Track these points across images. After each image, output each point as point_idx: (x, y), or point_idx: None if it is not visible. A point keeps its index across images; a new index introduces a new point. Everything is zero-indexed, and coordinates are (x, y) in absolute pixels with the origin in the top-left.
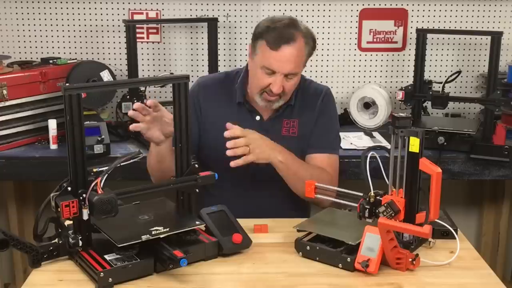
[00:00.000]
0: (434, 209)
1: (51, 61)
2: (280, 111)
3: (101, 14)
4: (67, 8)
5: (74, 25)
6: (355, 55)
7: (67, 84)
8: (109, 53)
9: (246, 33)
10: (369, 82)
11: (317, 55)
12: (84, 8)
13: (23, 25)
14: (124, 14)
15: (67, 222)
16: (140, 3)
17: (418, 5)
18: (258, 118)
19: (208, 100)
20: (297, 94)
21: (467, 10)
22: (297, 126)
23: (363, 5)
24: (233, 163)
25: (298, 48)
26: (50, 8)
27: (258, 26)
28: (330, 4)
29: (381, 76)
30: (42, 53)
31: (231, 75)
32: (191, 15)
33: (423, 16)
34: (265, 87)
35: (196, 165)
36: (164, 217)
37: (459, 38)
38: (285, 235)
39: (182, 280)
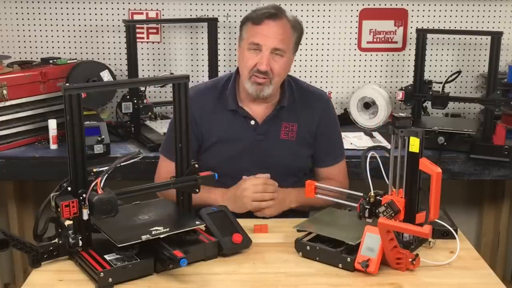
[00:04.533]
0: (434, 209)
1: (51, 61)
2: (274, 112)
3: (101, 14)
4: (67, 8)
5: (74, 25)
6: (355, 55)
7: (67, 84)
8: (109, 53)
9: None
10: (369, 82)
11: (317, 55)
12: (84, 8)
13: (23, 25)
14: (124, 14)
15: (67, 222)
16: (140, 3)
17: (418, 5)
18: (252, 122)
19: (201, 108)
20: (294, 96)
21: (467, 10)
22: (296, 130)
23: (363, 5)
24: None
25: (282, 25)
26: (50, 8)
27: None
28: (330, 4)
29: (381, 76)
30: (42, 53)
31: (221, 82)
32: (191, 15)
33: (423, 16)
34: (252, 66)
35: (196, 165)
36: (164, 217)
37: (459, 38)
38: (285, 235)
39: (182, 280)
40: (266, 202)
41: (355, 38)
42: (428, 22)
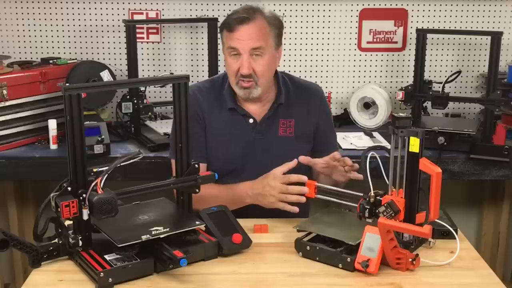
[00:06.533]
0: (434, 209)
1: (51, 61)
2: (273, 111)
3: (101, 14)
4: (67, 8)
5: (74, 25)
6: (355, 55)
7: (67, 84)
8: (109, 53)
9: None
10: (369, 82)
11: (317, 55)
12: (84, 8)
13: (23, 25)
14: (124, 14)
15: (67, 222)
16: (140, 3)
17: (418, 5)
18: (251, 121)
19: (204, 105)
20: (289, 92)
21: (467, 10)
22: (293, 126)
23: (363, 5)
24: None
25: (257, 26)
26: (50, 8)
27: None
28: (330, 4)
29: (381, 76)
30: (42, 53)
31: (218, 81)
32: (191, 15)
33: (423, 16)
34: (236, 71)
35: (196, 165)
36: (164, 217)
37: (459, 38)
38: (285, 235)
39: (182, 280)
40: (290, 206)
41: (355, 38)
42: (428, 22)
